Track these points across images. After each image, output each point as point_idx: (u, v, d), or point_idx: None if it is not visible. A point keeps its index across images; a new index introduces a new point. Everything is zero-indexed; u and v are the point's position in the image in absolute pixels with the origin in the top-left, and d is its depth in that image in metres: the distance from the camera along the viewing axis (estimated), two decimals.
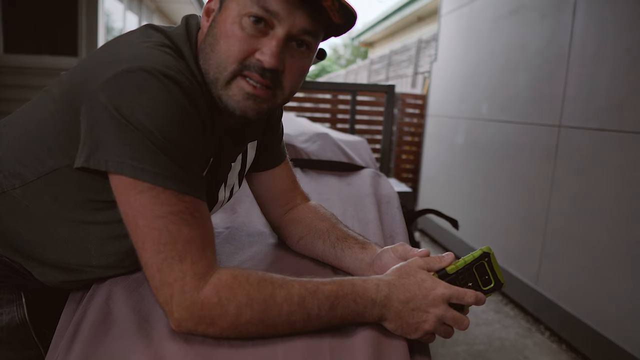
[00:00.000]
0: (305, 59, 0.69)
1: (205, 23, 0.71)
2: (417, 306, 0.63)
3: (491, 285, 0.67)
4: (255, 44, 0.65)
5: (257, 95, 0.66)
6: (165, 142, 0.59)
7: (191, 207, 0.61)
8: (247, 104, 0.67)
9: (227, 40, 0.65)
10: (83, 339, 0.60)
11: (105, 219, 0.70)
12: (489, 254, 0.67)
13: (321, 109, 3.91)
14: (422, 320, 0.63)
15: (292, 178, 0.96)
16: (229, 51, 0.65)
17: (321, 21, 0.66)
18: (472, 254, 0.67)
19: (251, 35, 0.64)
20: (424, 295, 0.64)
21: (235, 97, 0.66)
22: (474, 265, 0.67)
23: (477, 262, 0.67)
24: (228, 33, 0.65)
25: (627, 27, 1.95)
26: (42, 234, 0.72)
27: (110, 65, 0.61)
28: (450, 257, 0.68)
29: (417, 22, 9.09)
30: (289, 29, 0.64)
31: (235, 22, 0.64)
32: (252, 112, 0.68)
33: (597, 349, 2.03)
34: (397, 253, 0.75)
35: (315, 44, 0.69)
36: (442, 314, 0.64)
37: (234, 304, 0.58)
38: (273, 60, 0.64)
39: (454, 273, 0.67)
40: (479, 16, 3.26)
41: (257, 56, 0.65)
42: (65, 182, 0.68)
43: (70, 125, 0.64)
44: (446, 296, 0.64)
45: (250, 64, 0.65)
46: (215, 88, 0.67)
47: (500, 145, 2.89)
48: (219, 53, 0.66)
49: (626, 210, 1.91)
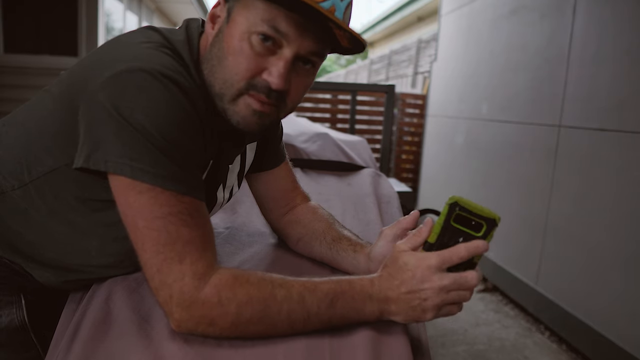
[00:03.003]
0: (310, 76, 0.69)
1: (210, 30, 0.70)
2: (410, 288, 0.61)
3: (484, 228, 0.61)
4: (263, 62, 0.64)
5: (264, 112, 0.67)
6: (165, 143, 0.59)
7: (190, 208, 0.61)
8: (253, 120, 0.67)
9: (235, 58, 0.64)
10: (83, 339, 0.60)
11: (105, 220, 0.70)
12: (457, 202, 0.61)
13: (321, 109, 3.91)
14: (422, 298, 0.61)
15: (292, 178, 0.96)
16: (237, 69, 0.64)
17: (329, 42, 0.66)
18: (442, 212, 0.61)
19: (259, 53, 0.64)
20: (411, 276, 0.61)
21: (242, 112, 0.67)
22: (449, 221, 0.61)
23: (450, 216, 0.61)
24: (236, 50, 0.64)
25: (627, 28, 1.95)
26: (42, 234, 0.72)
27: (110, 65, 0.61)
28: (427, 226, 0.64)
29: (417, 22, 9.09)
30: (297, 50, 0.64)
31: (244, 39, 0.64)
32: (256, 127, 0.68)
33: (597, 349, 2.03)
34: (386, 238, 0.75)
35: (320, 62, 0.69)
36: (440, 284, 0.60)
37: (235, 303, 0.58)
38: (281, 82, 0.64)
39: (437, 240, 0.62)
40: (479, 16, 3.26)
41: (264, 76, 0.64)
42: (65, 181, 0.68)
43: (69, 125, 0.64)
44: (433, 266, 0.61)
45: (257, 84, 0.65)
46: (220, 101, 0.67)
47: (500, 145, 2.89)
48: (226, 69, 0.65)
49: (626, 210, 1.91)
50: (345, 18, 0.66)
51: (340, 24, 0.60)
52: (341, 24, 0.60)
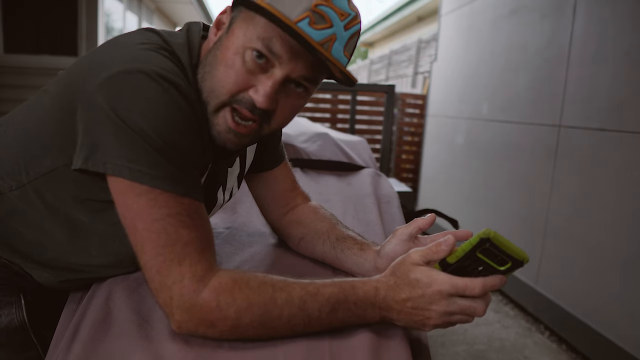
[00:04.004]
0: (301, 99, 0.69)
1: (213, 37, 0.69)
2: (417, 305, 0.61)
3: (508, 265, 0.59)
4: (252, 80, 0.64)
5: (238, 132, 0.67)
6: (163, 144, 0.59)
7: (189, 209, 0.61)
8: (228, 137, 0.67)
9: (226, 70, 0.64)
10: (83, 339, 0.60)
11: (104, 220, 0.70)
12: (489, 239, 0.58)
13: (321, 109, 3.91)
14: (426, 317, 0.62)
15: (291, 178, 0.96)
16: (225, 81, 0.64)
17: (322, 70, 0.66)
18: (470, 241, 0.59)
19: (250, 70, 0.64)
20: (420, 295, 0.61)
21: (218, 126, 0.67)
22: (476, 251, 0.59)
23: (477, 248, 0.59)
24: (228, 62, 0.64)
25: (627, 28, 1.95)
26: (40, 234, 0.72)
27: (107, 66, 0.60)
28: (448, 244, 0.62)
29: (417, 22, 9.08)
30: (288, 72, 0.64)
31: (238, 53, 0.64)
32: (231, 145, 0.68)
33: (597, 349, 2.03)
34: (400, 237, 0.75)
35: (313, 88, 0.69)
36: (445, 309, 0.61)
37: (234, 308, 0.58)
38: (265, 101, 0.64)
39: (455, 262, 0.61)
40: (479, 16, 3.26)
41: (250, 93, 0.64)
42: (64, 182, 0.68)
43: (67, 125, 0.64)
44: (444, 292, 0.60)
45: (242, 99, 0.65)
46: (206, 109, 0.67)
47: (500, 145, 2.89)
48: (215, 79, 0.65)
49: (626, 210, 1.91)
50: (348, 47, 0.66)
51: (328, 58, 0.60)
52: (331, 58, 0.60)
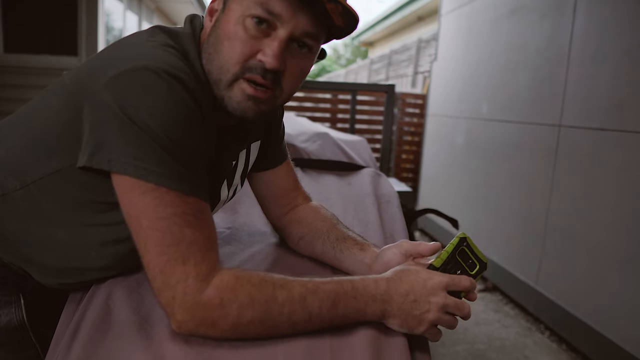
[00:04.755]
0: (306, 60, 0.70)
1: (208, 23, 0.71)
2: (418, 297, 0.64)
3: (477, 269, 0.69)
4: (258, 45, 0.65)
5: (257, 97, 0.67)
6: (169, 143, 0.59)
7: (194, 209, 0.61)
8: (248, 105, 0.67)
9: (230, 42, 0.65)
10: (83, 339, 0.60)
11: (106, 221, 0.70)
12: (466, 238, 0.68)
13: (321, 108, 3.91)
14: (425, 310, 0.64)
15: (293, 178, 0.96)
16: (232, 53, 0.65)
17: (323, 23, 0.67)
18: (452, 243, 0.69)
19: (253, 36, 0.65)
20: (422, 285, 0.64)
21: (237, 98, 0.67)
22: (456, 253, 0.68)
23: (457, 249, 0.68)
24: (231, 34, 0.65)
25: (627, 28, 1.95)
26: (42, 236, 0.71)
27: (114, 65, 0.61)
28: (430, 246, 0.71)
29: (417, 21, 9.08)
30: (291, 30, 0.65)
31: (239, 23, 0.65)
32: (251, 113, 0.68)
33: (597, 349, 2.03)
34: (402, 249, 0.75)
35: (316, 46, 0.70)
36: (444, 302, 0.64)
37: (236, 305, 0.58)
38: (275, 61, 0.64)
39: (441, 265, 0.68)
40: (479, 16, 3.26)
41: (258, 57, 0.65)
42: (68, 182, 0.68)
43: (74, 125, 0.64)
44: (443, 284, 0.64)
45: (252, 65, 0.65)
46: (218, 89, 0.68)
47: (500, 145, 2.89)
48: (222, 54, 0.66)
49: (626, 210, 1.91)
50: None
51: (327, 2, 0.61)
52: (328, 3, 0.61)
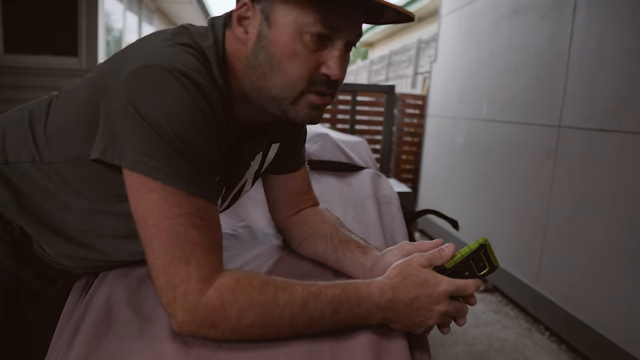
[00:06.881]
0: (348, 56, 0.71)
1: (241, 34, 0.69)
2: (422, 305, 0.64)
3: (486, 270, 0.68)
4: (319, 58, 0.66)
5: (323, 104, 0.69)
6: (180, 143, 0.59)
7: (201, 210, 0.61)
8: (314, 114, 0.69)
9: (291, 61, 0.65)
10: (83, 338, 0.60)
11: (118, 211, 0.72)
12: (486, 245, 0.67)
13: None
14: (427, 317, 0.64)
15: (307, 182, 0.97)
16: (297, 72, 0.65)
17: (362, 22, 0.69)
18: (469, 247, 0.68)
19: (313, 50, 0.65)
20: (428, 294, 0.64)
21: (304, 110, 0.68)
22: (471, 257, 0.67)
23: (474, 254, 0.67)
24: (291, 53, 0.65)
25: (627, 28, 1.95)
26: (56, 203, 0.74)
27: (131, 62, 0.62)
28: (450, 251, 0.68)
29: (417, 22, 9.09)
30: (347, 38, 0.67)
31: (297, 41, 0.64)
32: (318, 120, 0.71)
33: (597, 349, 2.03)
34: (403, 251, 0.74)
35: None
36: (445, 310, 0.65)
37: (237, 307, 0.58)
38: (340, 73, 0.66)
39: (452, 267, 0.67)
40: (479, 16, 3.26)
41: (322, 70, 0.66)
42: (86, 170, 0.70)
43: (92, 120, 0.65)
44: (449, 292, 0.65)
45: (317, 79, 0.66)
46: (279, 104, 0.68)
47: (500, 146, 2.89)
48: (284, 74, 0.66)
49: (626, 210, 1.91)
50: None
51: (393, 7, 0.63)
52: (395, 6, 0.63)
